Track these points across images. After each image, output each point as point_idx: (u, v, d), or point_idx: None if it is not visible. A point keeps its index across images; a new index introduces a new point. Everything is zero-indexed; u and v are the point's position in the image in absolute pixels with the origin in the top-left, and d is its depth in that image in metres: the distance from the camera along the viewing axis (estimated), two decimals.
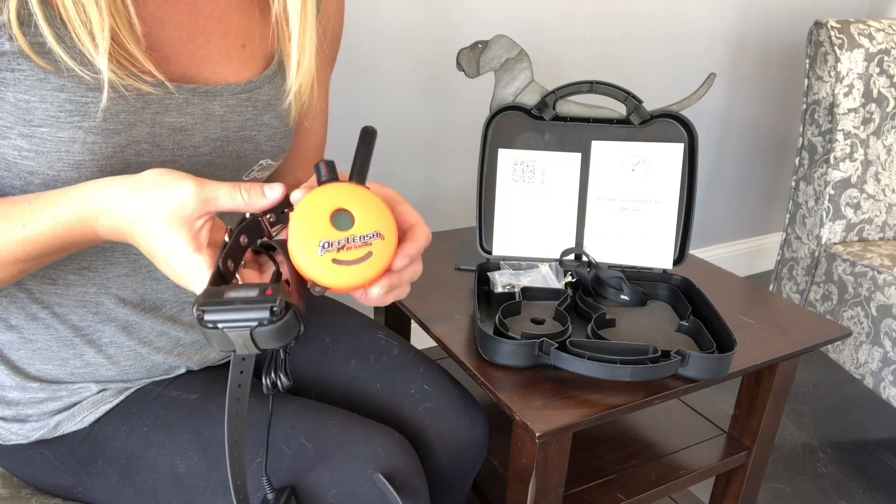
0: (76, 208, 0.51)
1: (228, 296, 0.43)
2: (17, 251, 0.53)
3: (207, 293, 0.44)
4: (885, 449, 1.58)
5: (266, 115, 0.67)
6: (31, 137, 0.54)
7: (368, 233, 0.48)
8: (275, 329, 0.43)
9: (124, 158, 0.58)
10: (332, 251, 0.47)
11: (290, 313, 0.43)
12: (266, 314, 0.42)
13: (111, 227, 0.51)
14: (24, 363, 0.67)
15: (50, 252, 0.54)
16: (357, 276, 0.47)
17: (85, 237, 0.53)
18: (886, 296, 1.41)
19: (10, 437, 0.69)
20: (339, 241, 0.47)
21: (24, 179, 0.56)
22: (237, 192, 0.49)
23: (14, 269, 0.55)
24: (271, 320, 0.42)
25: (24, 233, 0.52)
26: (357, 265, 0.47)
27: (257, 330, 0.43)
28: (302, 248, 0.47)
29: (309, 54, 0.66)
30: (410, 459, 0.68)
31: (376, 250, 0.48)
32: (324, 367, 0.82)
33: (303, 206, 0.48)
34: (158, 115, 0.59)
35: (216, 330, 0.43)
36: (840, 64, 1.48)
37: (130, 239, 0.52)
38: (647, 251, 0.94)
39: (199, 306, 0.43)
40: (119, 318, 0.67)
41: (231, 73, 0.65)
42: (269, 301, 0.43)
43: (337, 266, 0.47)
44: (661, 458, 0.94)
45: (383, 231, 0.48)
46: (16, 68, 0.52)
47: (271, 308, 0.42)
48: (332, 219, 0.48)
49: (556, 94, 0.93)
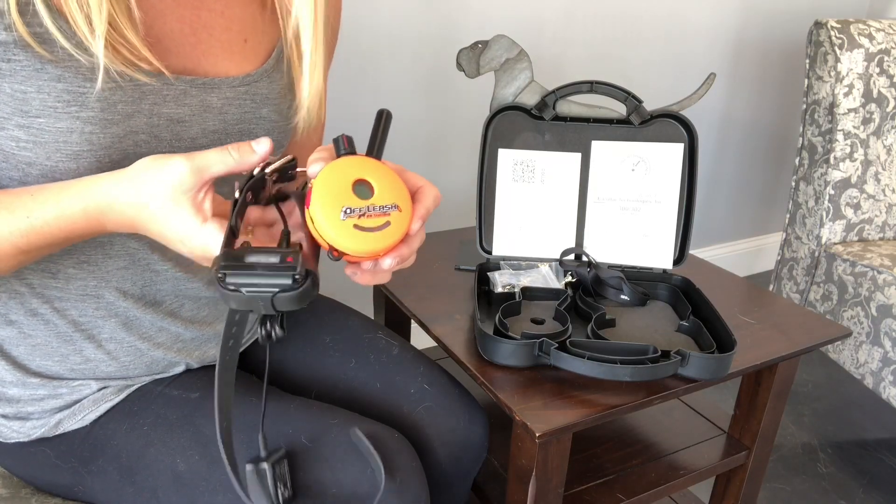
0: (79, 203, 0.53)
1: (249, 260, 0.45)
2: (21, 242, 0.54)
3: (228, 255, 0.45)
4: (885, 449, 1.58)
5: (264, 109, 0.68)
6: (28, 128, 0.54)
7: (387, 203, 0.50)
8: (295, 295, 0.45)
9: (122, 149, 0.58)
10: (354, 217, 0.49)
11: (309, 280, 0.45)
12: (288, 281, 0.44)
13: (118, 220, 0.53)
14: (24, 359, 0.67)
15: (54, 243, 0.55)
16: (376, 243, 0.49)
17: (90, 230, 0.54)
18: (886, 296, 1.41)
19: (11, 435, 0.69)
20: (361, 209, 0.49)
21: (22, 170, 0.56)
22: (226, 153, 0.51)
23: (15, 260, 0.55)
24: (293, 286, 0.44)
25: (29, 224, 0.53)
26: (376, 233, 0.49)
27: (278, 295, 0.44)
28: (325, 213, 0.48)
29: (319, 69, 0.67)
30: (410, 459, 0.68)
31: (394, 220, 0.50)
32: (324, 366, 0.82)
33: (326, 174, 0.50)
34: (156, 106, 0.59)
35: (237, 292, 0.44)
36: (840, 64, 1.48)
37: (141, 228, 0.53)
38: (647, 251, 0.94)
39: (221, 269, 0.44)
40: (119, 312, 0.67)
41: (232, 67, 0.65)
42: (291, 268, 0.44)
43: (358, 232, 0.49)
44: (661, 458, 0.94)
45: (400, 203, 0.51)
46: (12, 59, 0.52)
47: (293, 276, 0.44)
48: (353, 187, 0.50)
49: (556, 94, 0.93)
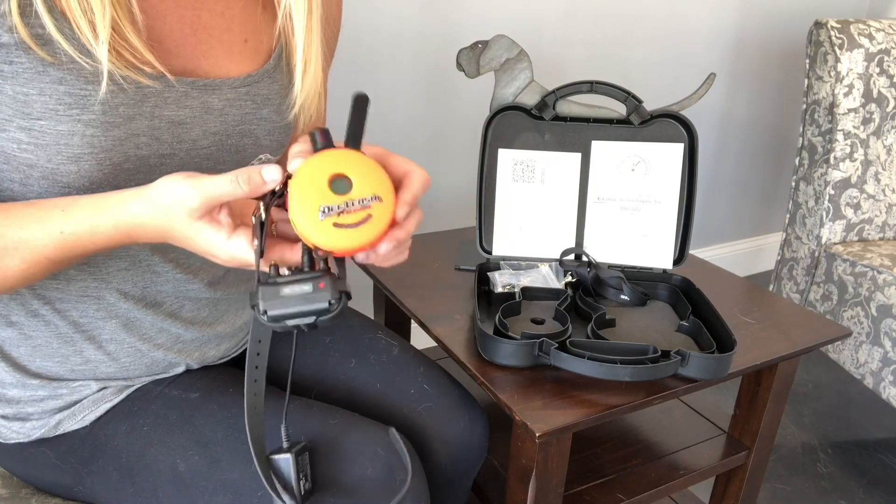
0: (111, 220, 0.53)
1: (285, 293, 0.47)
2: (53, 254, 0.55)
3: (265, 292, 0.48)
4: (885, 449, 1.58)
5: (265, 110, 0.67)
6: (30, 130, 0.54)
7: (367, 196, 0.49)
8: (333, 317, 0.48)
9: (123, 151, 0.58)
10: (333, 215, 0.48)
11: (343, 299, 0.48)
12: (325, 305, 0.47)
13: (148, 236, 0.54)
14: (24, 360, 0.67)
15: (85, 254, 0.56)
16: (358, 238, 0.49)
17: (122, 243, 0.55)
18: (886, 296, 1.41)
19: (11, 436, 0.69)
20: (339, 206, 0.49)
21: (24, 172, 0.56)
22: (236, 184, 0.51)
23: (46, 270, 0.56)
24: (330, 310, 0.47)
25: (62, 238, 0.54)
26: (357, 228, 0.49)
27: (318, 320, 0.48)
28: (303, 215, 0.48)
29: (314, 62, 0.67)
30: (411, 459, 0.68)
31: (375, 213, 0.49)
32: (324, 366, 0.82)
33: (301, 174, 0.49)
34: (157, 109, 0.59)
35: (280, 324, 0.48)
36: (840, 64, 1.48)
37: (172, 243, 0.55)
38: (647, 251, 0.94)
39: (261, 305, 0.47)
40: (120, 313, 0.67)
41: (232, 68, 0.65)
42: (325, 294, 0.47)
43: (338, 230, 0.48)
44: (661, 458, 0.94)
45: (381, 194, 0.50)
46: (14, 61, 0.52)
47: (328, 301, 0.47)
48: (330, 184, 0.49)
49: (556, 94, 0.93)
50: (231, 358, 0.79)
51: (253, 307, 0.48)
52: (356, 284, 1.45)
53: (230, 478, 0.64)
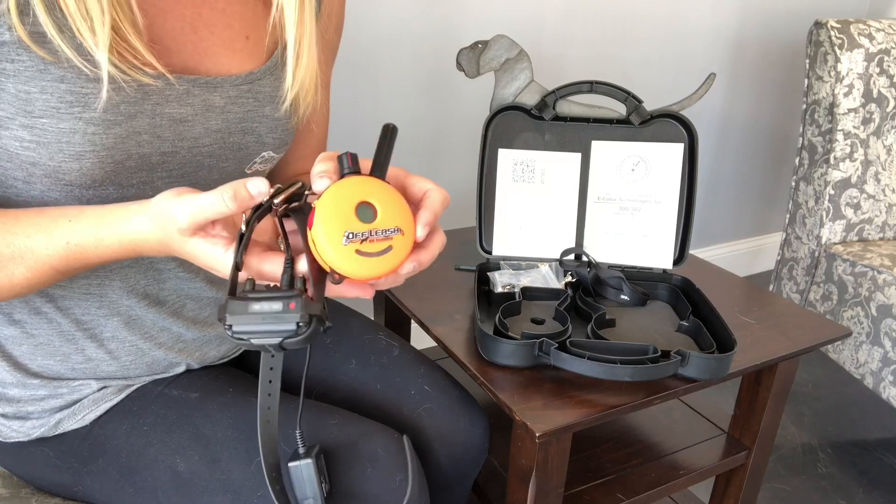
0: (116, 235, 0.54)
1: (254, 309, 0.46)
2: (58, 264, 0.55)
3: (233, 306, 0.46)
4: (885, 449, 1.58)
5: (267, 107, 0.67)
6: (32, 128, 0.54)
7: (390, 227, 0.50)
8: (301, 340, 0.46)
9: (125, 149, 0.58)
10: (356, 242, 0.48)
11: (314, 323, 0.46)
12: (292, 327, 0.45)
13: (152, 250, 0.54)
14: (25, 359, 0.68)
15: (90, 265, 0.56)
16: (377, 268, 0.49)
17: (127, 256, 0.55)
18: (886, 296, 1.41)
19: (11, 435, 0.69)
20: (363, 233, 0.49)
21: (26, 170, 0.57)
22: (221, 201, 0.49)
23: (51, 279, 0.57)
24: (298, 332, 0.45)
25: (68, 249, 0.54)
26: (378, 258, 0.49)
27: (285, 342, 0.46)
28: (327, 237, 0.48)
29: (308, 53, 0.66)
30: (411, 460, 0.68)
31: (396, 245, 0.50)
32: (324, 367, 0.82)
33: (329, 196, 0.49)
34: (159, 107, 0.59)
35: (245, 341, 0.46)
36: (840, 64, 1.48)
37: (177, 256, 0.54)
38: (647, 251, 0.94)
39: (227, 319, 0.46)
40: (122, 311, 0.67)
41: (234, 65, 0.65)
42: (294, 316, 0.45)
43: (359, 257, 0.48)
44: (661, 458, 0.94)
45: (403, 227, 0.50)
46: (15, 59, 0.52)
47: (297, 323, 0.45)
48: (356, 211, 0.49)
49: (556, 94, 0.93)
50: (231, 358, 0.80)
51: (220, 320, 0.46)
52: None
53: (230, 478, 0.64)
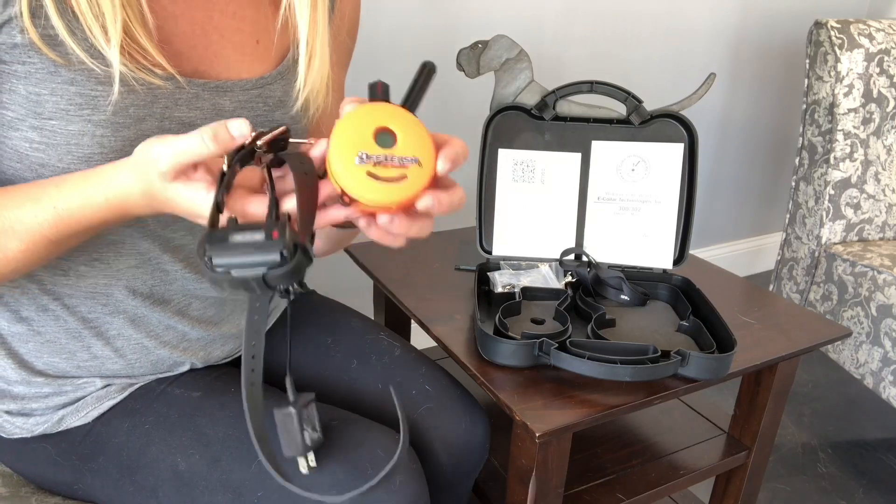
0: (101, 193, 0.52)
1: (234, 239, 0.43)
2: (49, 232, 0.54)
3: (212, 237, 0.43)
4: (885, 449, 1.58)
5: (277, 112, 0.67)
6: (41, 130, 0.55)
7: (408, 156, 0.48)
8: (287, 271, 0.43)
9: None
10: (369, 164, 0.47)
11: (298, 253, 0.43)
12: (276, 257, 0.42)
13: (139, 206, 0.52)
14: (31, 357, 0.68)
15: (82, 231, 0.55)
16: (388, 194, 0.47)
17: (117, 216, 0.54)
18: (886, 296, 1.41)
19: (14, 431, 0.69)
20: (378, 157, 0.47)
21: (36, 171, 0.57)
22: (201, 141, 0.47)
23: (46, 251, 0.56)
24: (282, 262, 0.42)
25: (56, 214, 0.53)
26: (390, 184, 0.47)
27: (269, 272, 0.43)
28: (340, 155, 0.47)
29: (320, 55, 0.66)
30: (411, 461, 0.68)
31: (412, 174, 0.47)
32: (325, 367, 0.82)
33: (349, 116, 0.48)
34: (168, 110, 0.59)
35: (227, 275, 0.43)
36: (840, 64, 1.48)
37: (162, 210, 0.53)
38: (647, 251, 0.95)
39: (206, 252, 0.42)
40: (128, 310, 0.67)
41: (244, 69, 0.65)
42: (277, 244, 0.42)
43: (370, 180, 0.47)
44: (661, 458, 0.94)
45: (422, 158, 0.48)
46: (27, 61, 0.53)
47: (281, 252, 0.42)
48: (375, 134, 0.48)
49: (556, 94, 0.93)
50: (235, 358, 0.80)
51: (199, 255, 0.43)
52: (356, 284, 1.45)
53: (230, 477, 0.64)
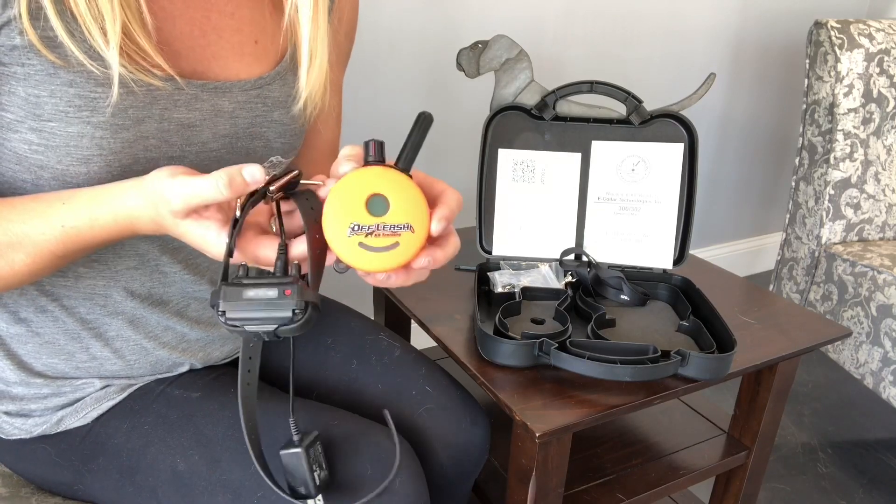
0: (110, 213, 0.53)
1: (248, 295, 0.45)
2: (56, 248, 0.54)
3: (227, 291, 0.45)
4: (885, 449, 1.58)
5: (276, 112, 0.67)
6: (40, 132, 0.55)
7: (400, 223, 0.48)
8: (296, 327, 0.45)
9: (133, 154, 0.58)
10: (361, 235, 0.48)
11: (308, 311, 0.45)
12: (288, 314, 0.45)
13: (146, 228, 0.54)
14: (30, 358, 0.68)
15: (88, 248, 0.56)
16: (380, 263, 0.48)
17: (124, 234, 0.55)
18: (886, 296, 1.41)
19: (13, 432, 0.69)
20: (370, 227, 0.48)
21: (35, 173, 0.57)
22: (216, 187, 0.48)
23: (51, 265, 0.56)
24: (293, 320, 0.45)
25: (63, 232, 0.54)
26: (381, 253, 0.48)
27: (280, 329, 0.45)
28: (333, 226, 0.48)
29: (320, 55, 0.66)
30: (410, 461, 0.68)
31: (403, 241, 0.48)
32: (325, 367, 0.82)
33: (343, 184, 0.49)
34: (167, 111, 0.59)
35: (239, 328, 0.45)
36: (840, 64, 1.48)
37: (169, 235, 0.54)
38: (647, 251, 0.94)
39: (221, 306, 0.45)
40: (126, 311, 0.67)
41: (243, 70, 0.65)
42: (290, 303, 0.45)
43: (362, 250, 0.48)
44: (661, 458, 0.94)
45: (415, 224, 0.49)
46: (26, 63, 0.53)
47: (293, 310, 0.45)
48: (367, 202, 0.48)
49: (556, 94, 0.93)
50: (234, 358, 0.80)
51: (213, 306, 0.45)
52: (357, 284, 1.45)
53: (230, 478, 0.64)
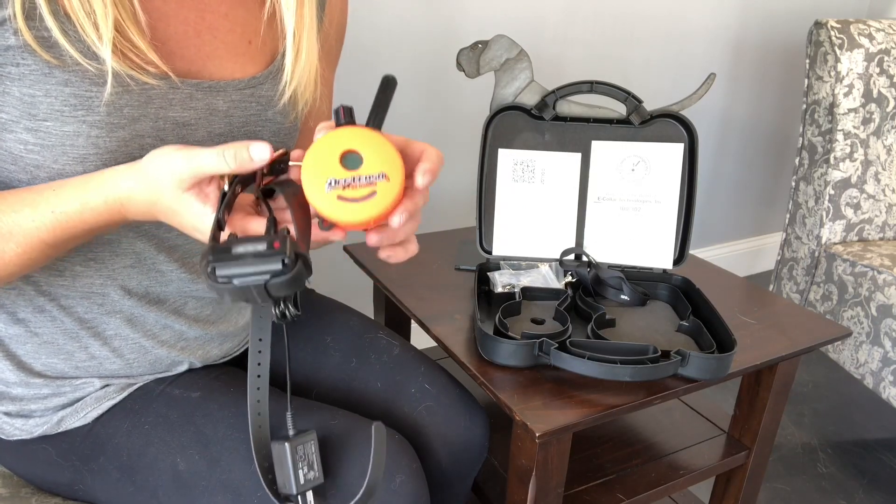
0: (100, 196, 0.53)
1: (237, 250, 0.45)
2: (47, 236, 0.54)
3: (215, 248, 0.46)
4: (885, 449, 1.58)
5: (270, 111, 0.68)
6: (36, 131, 0.55)
7: (374, 173, 0.50)
8: (288, 279, 0.45)
9: (128, 153, 0.58)
10: (338, 188, 0.50)
11: (299, 262, 0.45)
12: (278, 266, 0.44)
13: (138, 211, 0.54)
14: (29, 358, 0.68)
15: (79, 235, 0.56)
16: (360, 213, 0.50)
17: (113, 220, 0.55)
18: (886, 296, 1.41)
19: (14, 433, 0.69)
20: (346, 180, 0.50)
21: (30, 173, 0.57)
22: (222, 158, 0.50)
23: (43, 255, 0.56)
24: (284, 271, 0.44)
25: (54, 218, 0.54)
26: (360, 202, 0.50)
27: (271, 282, 0.45)
28: (311, 185, 0.50)
29: (307, 49, 0.66)
30: (410, 460, 0.68)
31: (380, 190, 0.50)
32: (324, 366, 0.82)
33: (316, 146, 0.51)
34: (162, 110, 0.59)
35: (229, 284, 0.45)
36: (840, 64, 1.48)
37: (160, 218, 0.54)
38: (647, 251, 0.94)
39: (210, 262, 0.44)
40: (124, 310, 0.68)
41: (237, 69, 0.65)
42: (279, 253, 0.45)
43: (342, 203, 0.50)
44: (661, 458, 0.94)
45: (389, 172, 0.51)
46: (21, 63, 0.53)
47: (282, 260, 0.44)
48: (342, 159, 0.50)
49: (556, 94, 0.93)
50: (233, 357, 0.80)
51: (202, 267, 0.45)
52: (357, 284, 1.45)
53: (230, 477, 0.64)
